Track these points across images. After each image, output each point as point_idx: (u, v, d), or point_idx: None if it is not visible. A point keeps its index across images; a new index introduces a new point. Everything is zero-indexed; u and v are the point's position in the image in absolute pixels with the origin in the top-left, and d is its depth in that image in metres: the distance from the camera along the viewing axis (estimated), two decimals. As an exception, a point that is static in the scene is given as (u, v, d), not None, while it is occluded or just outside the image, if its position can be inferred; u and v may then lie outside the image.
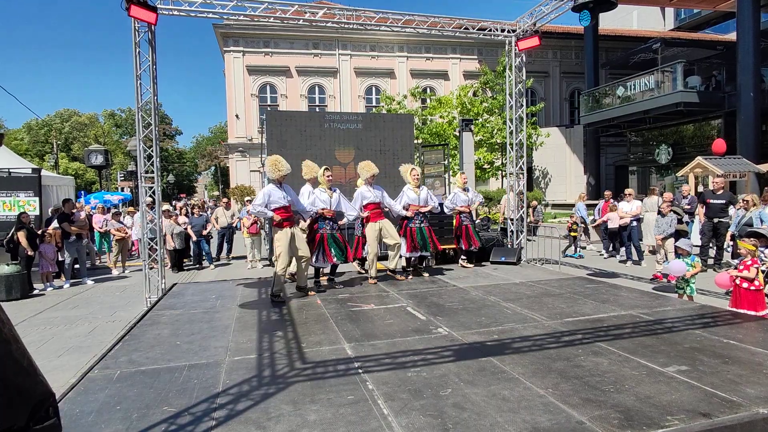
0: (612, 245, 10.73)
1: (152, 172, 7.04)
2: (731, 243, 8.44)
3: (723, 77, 17.62)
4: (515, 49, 8.80)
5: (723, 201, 8.67)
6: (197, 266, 10.76)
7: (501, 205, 13.04)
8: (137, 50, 6.78)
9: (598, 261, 10.33)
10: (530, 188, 21.30)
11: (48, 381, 2.01)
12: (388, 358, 3.59)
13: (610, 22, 28.49)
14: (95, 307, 7.16)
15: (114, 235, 10.80)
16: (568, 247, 11.06)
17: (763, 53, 15.72)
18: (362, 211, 6.59)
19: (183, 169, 55.17)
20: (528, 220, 10.01)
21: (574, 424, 2.50)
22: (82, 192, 21.49)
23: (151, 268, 7.12)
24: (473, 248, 7.79)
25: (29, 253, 8.19)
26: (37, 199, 9.36)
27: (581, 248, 11.39)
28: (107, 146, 33.46)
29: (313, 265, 6.30)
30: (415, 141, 13.30)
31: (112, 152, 33.26)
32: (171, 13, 7.14)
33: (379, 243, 6.72)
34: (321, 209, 6.12)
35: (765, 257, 5.29)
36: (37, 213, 9.24)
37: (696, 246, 8.55)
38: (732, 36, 18.47)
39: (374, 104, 26.63)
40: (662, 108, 17.70)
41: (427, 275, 7.16)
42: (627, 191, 10.29)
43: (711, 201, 8.74)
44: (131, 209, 12.65)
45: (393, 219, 7.19)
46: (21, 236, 8.15)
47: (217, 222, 11.34)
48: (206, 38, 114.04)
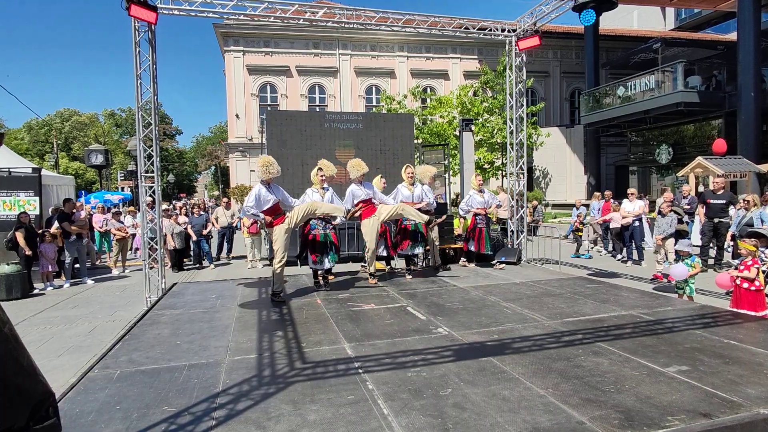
0: (613, 245, 10.73)
1: (152, 172, 7.04)
2: (732, 243, 8.44)
3: (723, 77, 17.62)
4: (515, 49, 8.80)
5: (723, 201, 8.67)
6: (197, 266, 10.76)
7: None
8: (137, 50, 6.77)
9: (600, 261, 10.33)
10: (530, 188, 21.31)
11: (48, 380, 2.00)
12: (388, 358, 3.58)
13: (611, 22, 28.49)
14: (95, 307, 7.17)
15: (114, 235, 10.81)
16: (579, 247, 11.06)
17: (764, 53, 15.72)
18: (354, 208, 6.53)
19: (183, 169, 55.17)
20: (527, 220, 9.99)
21: (575, 425, 2.50)
22: (83, 192, 21.48)
23: (151, 268, 7.12)
24: (486, 252, 7.69)
25: (27, 253, 8.20)
26: (38, 199, 9.36)
27: (591, 248, 11.36)
28: (107, 146, 33.44)
29: (311, 267, 6.29)
30: (416, 141, 13.29)
31: (113, 152, 33.23)
32: (171, 13, 7.14)
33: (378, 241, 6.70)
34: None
35: (765, 257, 5.28)
36: (38, 213, 9.24)
37: (696, 246, 8.55)
38: (732, 36, 18.47)
39: (374, 104, 26.64)
40: (663, 108, 17.70)
41: (410, 277, 6.96)
42: (630, 191, 10.28)
43: (711, 201, 8.73)
44: (131, 209, 12.65)
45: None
46: (19, 236, 8.15)
47: (217, 222, 11.35)
48: (206, 38, 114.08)
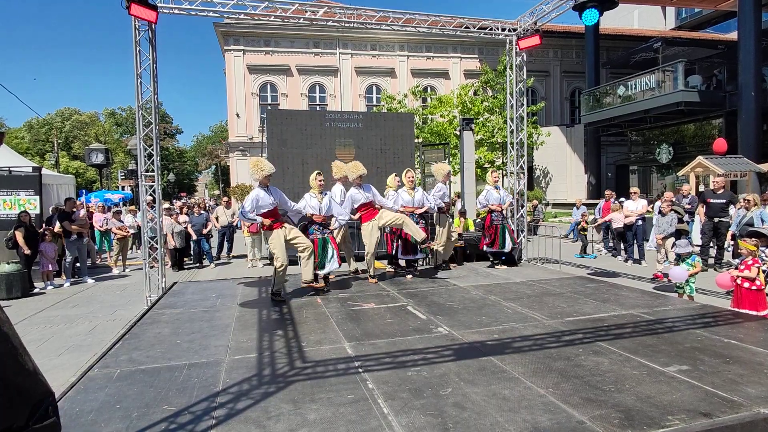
0: (613, 244, 10.73)
1: (153, 171, 7.04)
2: (732, 243, 8.44)
3: (724, 76, 17.60)
4: (516, 48, 8.79)
5: (723, 200, 8.66)
6: (198, 265, 10.76)
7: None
8: (137, 49, 6.77)
9: (602, 260, 10.32)
10: (531, 187, 21.30)
11: (48, 379, 2.00)
12: (389, 358, 3.58)
13: (611, 22, 28.46)
14: (95, 306, 7.17)
15: (115, 234, 10.81)
16: (585, 247, 11.04)
17: (764, 52, 15.70)
18: (354, 213, 6.52)
19: (183, 168, 55.16)
20: (527, 220, 9.99)
21: (575, 424, 2.50)
22: (83, 191, 21.49)
23: (152, 267, 7.12)
24: (502, 250, 7.54)
25: (26, 252, 8.20)
26: (38, 198, 9.36)
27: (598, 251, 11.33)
28: (108, 145, 33.44)
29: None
30: (416, 140, 13.29)
31: (113, 151, 33.22)
32: (171, 12, 7.13)
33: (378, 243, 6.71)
34: (311, 215, 6.04)
35: (766, 257, 5.28)
36: (38, 212, 9.24)
37: (696, 245, 8.54)
38: (733, 35, 18.45)
39: (375, 103, 26.63)
40: (663, 107, 17.68)
41: (411, 277, 6.96)
42: (633, 190, 10.25)
43: (711, 200, 8.73)
44: (132, 208, 12.66)
45: None
46: (18, 235, 8.15)
47: (218, 221, 11.35)
48: (207, 37, 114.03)
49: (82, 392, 3.12)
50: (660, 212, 8.41)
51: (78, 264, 9.29)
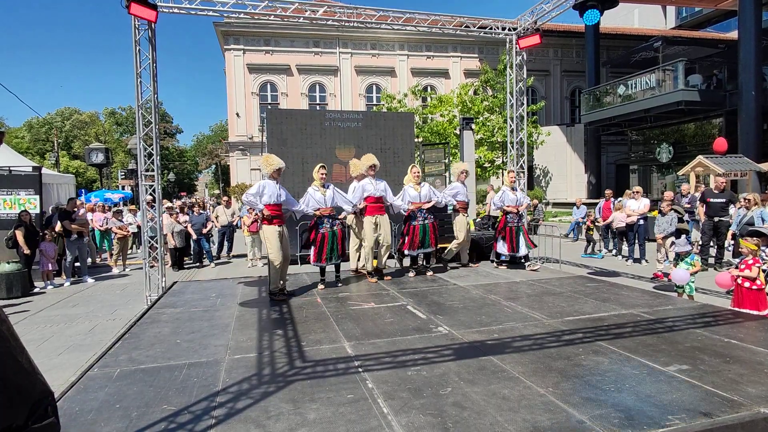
0: (614, 244, 10.72)
1: (153, 171, 7.04)
2: (732, 242, 8.44)
3: (724, 76, 17.58)
4: (516, 48, 8.79)
5: (723, 200, 8.66)
6: (198, 264, 10.77)
7: (487, 205, 12.95)
8: (137, 48, 6.77)
9: (604, 260, 10.32)
10: (531, 187, 21.30)
11: (48, 379, 2.00)
12: (388, 357, 3.58)
13: (612, 21, 28.45)
14: (95, 306, 7.17)
15: (115, 234, 10.81)
16: (594, 247, 11.00)
17: (765, 52, 15.68)
18: (361, 203, 6.52)
19: (184, 168, 55.17)
20: (527, 219, 9.98)
21: (575, 424, 2.50)
22: (83, 190, 21.51)
23: (152, 267, 7.12)
24: (517, 253, 7.32)
25: (25, 252, 8.20)
26: (38, 198, 9.36)
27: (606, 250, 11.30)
28: (108, 144, 33.46)
29: (319, 265, 6.28)
30: (416, 139, 13.29)
31: (113, 150, 33.26)
32: (171, 11, 7.13)
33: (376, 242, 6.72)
34: (316, 210, 6.06)
35: (766, 256, 5.27)
36: (38, 211, 9.24)
37: (695, 242, 8.54)
38: (733, 34, 18.43)
39: (375, 102, 26.62)
40: (663, 107, 17.67)
41: (431, 273, 7.03)
42: (635, 189, 10.21)
43: (711, 200, 8.73)
44: (132, 207, 12.66)
45: (393, 216, 7.15)
46: (18, 234, 8.15)
47: (218, 220, 11.35)
48: (207, 36, 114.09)
49: (82, 392, 3.12)
50: (660, 212, 8.41)
51: (78, 263, 9.29)
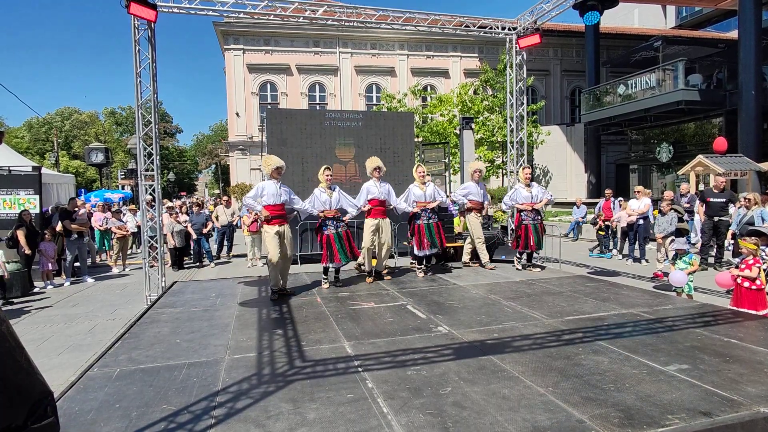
0: (613, 243, 10.72)
1: (152, 171, 7.04)
2: (732, 242, 8.43)
3: (724, 75, 17.58)
4: (516, 47, 8.78)
5: (723, 199, 8.66)
6: (197, 264, 10.76)
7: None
8: (137, 48, 6.76)
9: (607, 260, 10.31)
10: (531, 186, 21.24)
11: (48, 379, 2.00)
12: (388, 357, 3.58)
13: (612, 20, 28.45)
14: (95, 305, 7.17)
15: (114, 233, 10.81)
16: (603, 247, 10.98)
17: (765, 51, 15.68)
18: (365, 205, 6.53)
19: (183, 167, 55.16)
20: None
21: (575, 423, 2.50)
22: (83, 190, 21.51)
23: (152, 266, 7.12)
24: (533, 252, 7.26)
25: (26, 252, 8.20)
26: (38, 197, 9.35)
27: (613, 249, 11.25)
28: (108, 144, 33.46)
29: (324, 265, 6.29)
30: (416, 139, 13.28)
31: (113, 150, 33.26)
32: (171, 11, 7.12)
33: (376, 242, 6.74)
34: (321, 211, 6.09)
35: (766, 256, 5.27)
36: (38, 211, 9.24)
37: (693, 244, 8.53)
38: (733, 34, 18.43)
39: (375, 102, 26.61)
40: (663, 106, 17.67)
41: (422, 275, 6.98)
42: (637, 188, 10.20)
43: (711, 199, 8.72)
44: (132, 207, 12.66)
45: (396, 217, 7.15)
46: (20, 234, 8.15)
47: (218, 220, 11.34)
48: (207, 36, 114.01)
49: (82, 391, 3.11)
50: (660, 211, 8.41)
51: (78, 263, 9.29)
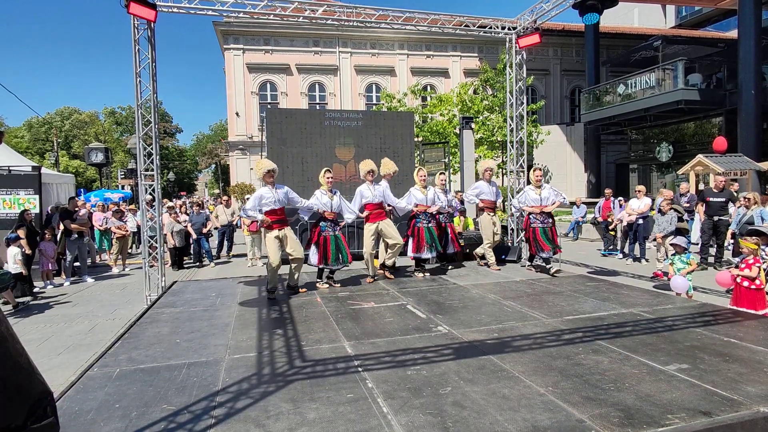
0: (613, 243, 10.72)
1: (152, 170, 7.03)
2: (732, 241, 8.43)
3: (724, 75, 17.59)
4: (516, 47, 8.78)
5: (723, 199, 8.66)
6: (197, 264, 10.76)
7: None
8: (137, 48, 6.76)
9: (605, 259, 10.32)
10: (531, 186, 21.23)
11: (47, 379, 2.00)
12: (388, 357, 3.58)
13: (611, 20, 28.45)
14: (95, 305, 7.17)
15: (114, 233, 10.81)
16: (613, 246, 10.95)
17: (765, 51, 15.67)
18: (362, 211, 6.54)
19: (183, 167, 55.16)
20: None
21: (574, 423, 2.50)
22: (83, 190, 21.51)
23: (152, 266, 7.11)
24: (545, 254, 6.89)
25: (27, 252, 8.18)
26: (37, 197, 9.34)
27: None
28: (107, 144, 33.46)
29: (318, 267, 6.29)
30: (416, 139, 13.28)
31: (113, 150, 33.25)
32: (171, 11, 7.11)
33: (377, 243, 6.74)
34: (322, 212, 6.11)
35: (766, 256, 5.27)
36: (37, 211, 9.24)
37: (694, 244, 8.53)
38: (733, 33, 18.42)
39: (374, 102, 26.60)
40: (663, 106, 17.67)
41: (421, 276, 6.97)
42: (638, 188, 10.19)
43: (711, 199, 8.72)
44: (132, 207, 12.66)
45: (396, 218, 7.15)
46: (20, 234, 8.13)
47: (218, 220, 11.35)
48: (207, 36, 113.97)
49: (82, 391, 3.11)
50: (659, 211, 8.41)
51: (78, 263, 9.29)
